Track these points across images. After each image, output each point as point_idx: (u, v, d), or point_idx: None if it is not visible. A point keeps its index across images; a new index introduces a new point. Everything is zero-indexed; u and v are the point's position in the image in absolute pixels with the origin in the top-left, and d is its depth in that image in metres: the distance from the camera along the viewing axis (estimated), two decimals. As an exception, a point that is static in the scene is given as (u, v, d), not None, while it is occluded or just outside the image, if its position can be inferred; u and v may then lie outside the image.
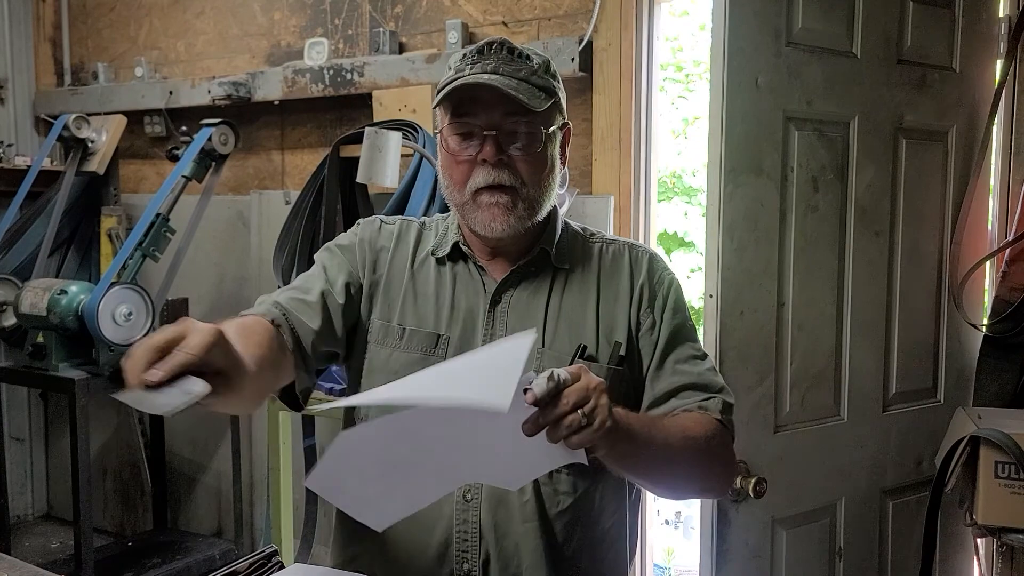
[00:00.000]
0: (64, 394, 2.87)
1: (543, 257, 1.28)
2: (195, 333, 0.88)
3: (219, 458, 3.35)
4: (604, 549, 1.26)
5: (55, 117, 3.37)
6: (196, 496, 3.45)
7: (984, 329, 2.03)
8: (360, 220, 1.39)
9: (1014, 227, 2.01)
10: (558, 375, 0.94)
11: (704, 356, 1.31)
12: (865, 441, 1.97)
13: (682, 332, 1.29)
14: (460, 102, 1.19)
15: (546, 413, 0.93)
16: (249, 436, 3.20)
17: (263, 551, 1.20)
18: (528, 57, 1.22)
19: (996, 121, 2.08)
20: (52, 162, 3.39)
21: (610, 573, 1.28)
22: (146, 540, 3.28)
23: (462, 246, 1.29)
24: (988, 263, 2.11)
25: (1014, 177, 2.08)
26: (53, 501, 3.84)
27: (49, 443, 3.83)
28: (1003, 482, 1.65)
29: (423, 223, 1.37)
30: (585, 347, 1.22)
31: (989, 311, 2.06)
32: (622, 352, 1.24)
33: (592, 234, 1.36)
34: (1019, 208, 2.00)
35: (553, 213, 1.31)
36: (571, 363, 1.18)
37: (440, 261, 1.30)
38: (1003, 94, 2.07)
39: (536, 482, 1.19)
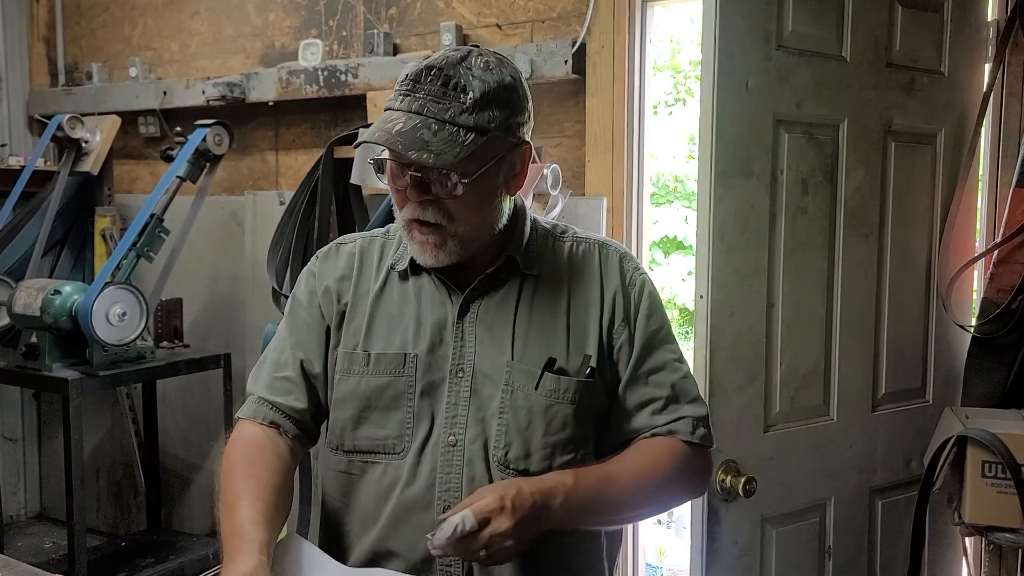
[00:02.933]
0: (57, 394, 2.88)
1: (511, 263, 1.25)
2: None
3: (213, 458, 3.35)
4: (580, 561, 1.27)
5: (49, 117, 3.37)
6: (190, 496, 3.46)
7: (972, 330, 2.05)
8: (318, 253, 1.37)
9: (1002, 229, 2.03)
10: (458, 527, 1.05)
11: (681, 360, 1.30)
12: (854, 441, 1.99)
13: (657, 337, 1.28)
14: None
15: (453, 549, 1.07)
16: (243, 436, 3.20)
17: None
18: (464, 89, 1.13)
19: (984, 124, 2.10)
20: (46, 162, 3.39)
21: None
22: (139, 540, 3.28)
23: (418, 260, 1.25)
24: (977, 265, 2.13)
25: (1002, 180, 2.10)
26: (46, 501, 3.84)
27: (42, 444, 3.83)
28: (990, 481, 1.68)
29: (387, 232, 1.34)
30: (555, 360, 1.21)
31: (977, 312, 2.08)
32: (592, 364, 1.23)
33: (563, 232, 1.32)
34: (1007, 210, 2.02)
35: (519, 216, 1.28)
36: (540, 376, 1.20)
37: (402, 276, 1.28)
38: (991, 98, 2.08)
39: None
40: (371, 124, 2.62)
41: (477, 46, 1.21)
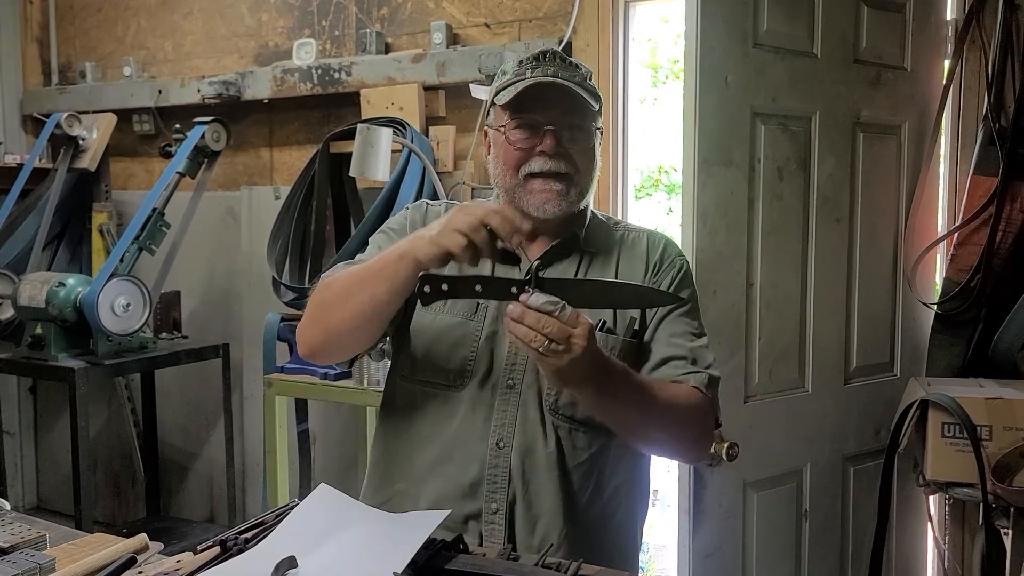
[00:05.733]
0: (60, 383, 2.96)
1: (573, 240, 1.40)
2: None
3: (210, 446, 3.45)
4: (614, 504, 1.39)
5: (45, 115, 3.44)
6: (188, 484, 3.55)
7: (935, 307, 2.21)
8: (408, 205, 1.51)
9: (961, 214, 2.19)
10: (555, 306, 1.10)
11: (701, 334, 1.43)
12: (828, 411, 2.13)
13: (684, 307, 1.41)
14: (522, 100, 1.32)
15: (530, 316, 1.10)
16: (241, 424, 3.30)
17: (288, 504, 1.32)
18: (578, 66, 1.37)
19: (944, 116, 2.26)
20: (40, 160, 3.46)
21: (619, 527, 1.41)
22: (140, 528, 3.28)
23: (535, 211, 1.35)
24: (939, 247, 2.28)
25: (961, 168, 2.25)
26: (43, 493, 3.91)
27: (38, 437, 3.90)
28: (949, 441, 1.83)
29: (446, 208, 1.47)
30: (604, 322, 1.35)
31: (940, 291, 2.24)
32: (636, 327, 1.38)
33: (616, 223, 1.49)
34: (965, 196, 2.18)
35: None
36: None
37: None
38: (951, 91, 2.24)
39: (558, 436, 1.33)
40: (367, 120, 2.73)
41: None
